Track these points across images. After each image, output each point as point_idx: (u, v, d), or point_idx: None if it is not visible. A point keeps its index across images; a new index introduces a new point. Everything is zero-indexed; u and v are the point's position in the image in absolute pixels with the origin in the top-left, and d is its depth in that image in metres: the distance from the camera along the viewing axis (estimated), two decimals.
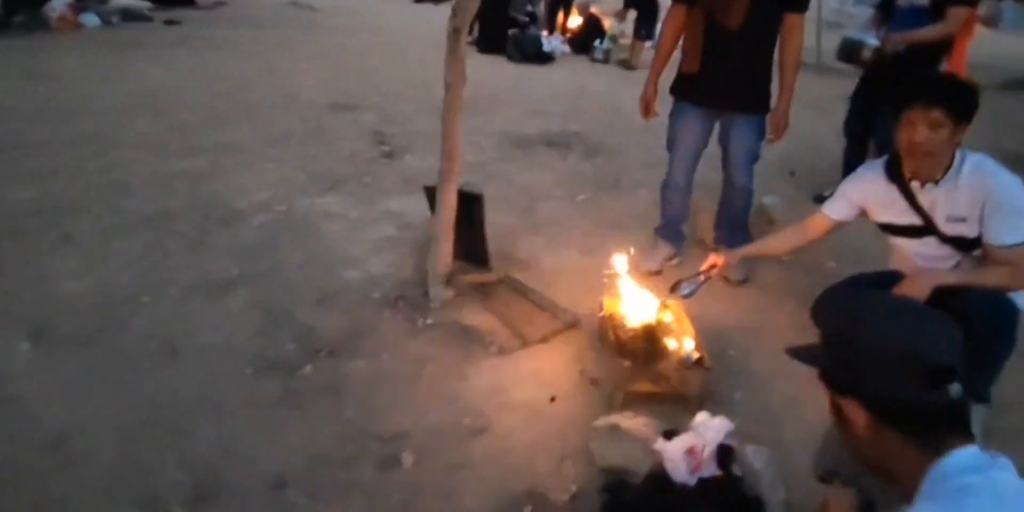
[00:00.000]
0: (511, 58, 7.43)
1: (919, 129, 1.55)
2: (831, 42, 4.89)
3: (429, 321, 2.21)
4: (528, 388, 1.92)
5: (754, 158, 2.46)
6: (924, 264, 1.75)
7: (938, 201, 1.66)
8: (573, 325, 2.20)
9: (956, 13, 2.79)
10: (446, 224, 2.23)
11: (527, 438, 1.73)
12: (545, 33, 8.09)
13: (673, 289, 1.95)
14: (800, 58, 2.35)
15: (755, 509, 1.39)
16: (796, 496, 1.51)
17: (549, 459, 1.66)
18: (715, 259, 1.96)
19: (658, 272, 2.59)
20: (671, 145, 2.56)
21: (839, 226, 1.92)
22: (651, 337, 1.82)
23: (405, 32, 8.96)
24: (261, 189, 3.26)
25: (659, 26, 8.74)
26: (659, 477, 1.46)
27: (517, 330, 2.16)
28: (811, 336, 1.01)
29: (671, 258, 2.65)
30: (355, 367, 1.97)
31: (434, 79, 2.30)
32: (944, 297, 1.56)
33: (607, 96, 5.95)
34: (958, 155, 1.62)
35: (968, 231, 1.63)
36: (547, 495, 1.53)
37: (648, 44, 7.54)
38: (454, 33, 1.93)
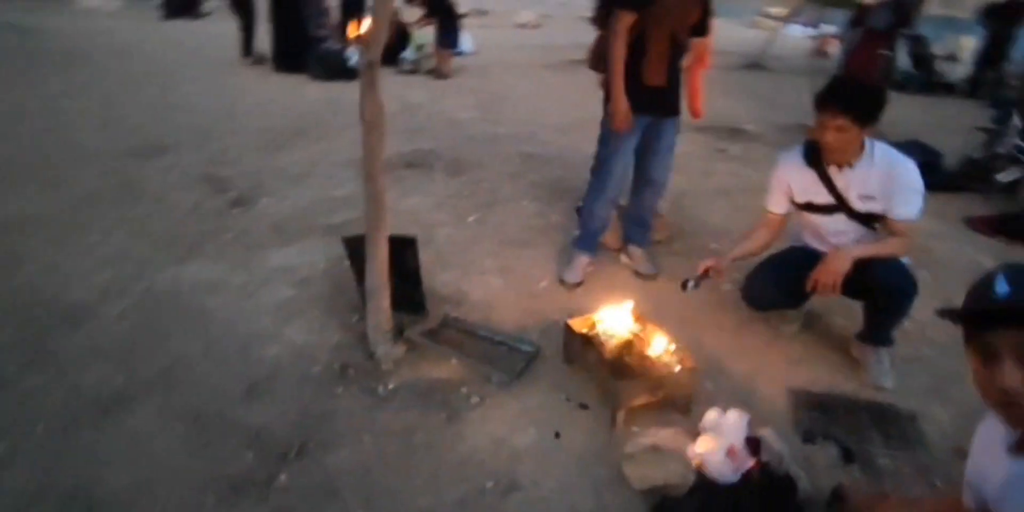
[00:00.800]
0: (315, 76, 7.00)
1: (829, 132, 1.85)
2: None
3: (391, 386, 2.03)
4: (526, 430, 1.87)
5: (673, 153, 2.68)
6: (832, 237, 2.10)
7: (852, 182, 1.99)
8: (536, 354, 2.19)
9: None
10: (381, 276, 2.06)
11: (555, 482, 1.69)
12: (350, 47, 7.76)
13: (684, 287, 2.14)
14: None
15: (791, 487, 1.55)
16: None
17: (586, 497, 1.65)
18: (709, 262, 2.14)
19: (581, 283, 2.69)
20: (610, 160, 2.57)
21: (788, 216, 2.22)
22: (636, 349, 1.89)
23: (167, 56, 7.93)
24: (97, 269, 2.66)
25: (462, 34, 9.01)
26: (704, 483, 1.55)
27: (485, 373, 2.08)
28: (737, 318, 1.15)
29: (588, 266, 2.77)
30: (338, 460, 1.73)
31: (241, 106, 2.10)
32: (857, 268, 1.89)
33: (435, 108, 5.94)
34: (867, 143, 1.95)
35: (876, 207, 1.98)
36: None
37: (453, 52, 7.68)
38: (368, 67, 1.77)
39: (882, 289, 1.91)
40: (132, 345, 2.18)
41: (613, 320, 2.04)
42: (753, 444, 1.58)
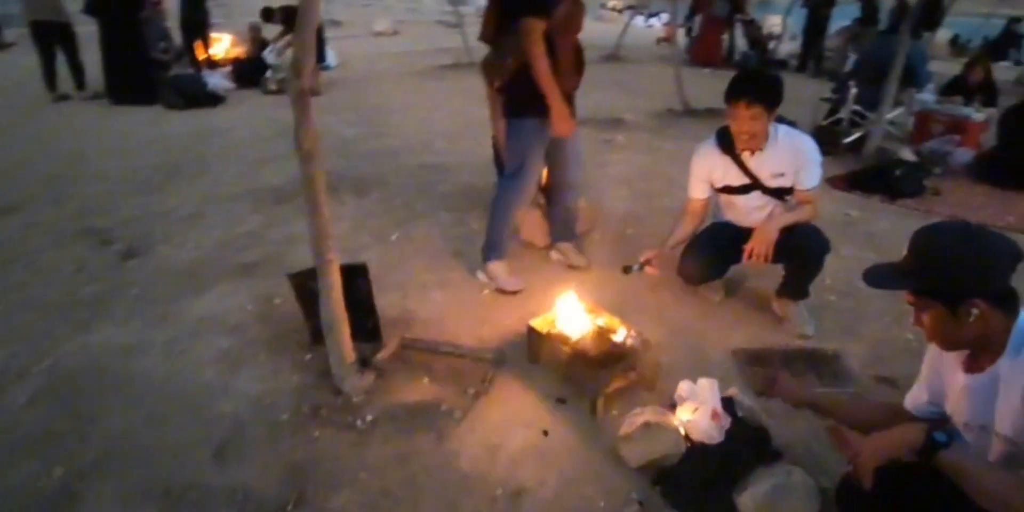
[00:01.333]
0: (171, 105, 6.45)
1: (743, 120, 2.08)
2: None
3: (369, 418, 1.98)
4: (515, 434, 1.92)
5: None
6: (750, 212, 2.38)
7: (763, 164, 2.25)
8: (502, 360, 2.24)
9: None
10: (339, 308, 1.99)
11: (557, 478, 1.76)
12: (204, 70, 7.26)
13: (626, 271, 2.33)
14: None
15: (766, 436, 1.75)
16: None
17: (590, 484, 1.73)
18: (650, 254, 2.32)
19: (521, 290, 2.75)
20: (529, 165, 2.57)
21: (708, 199, 2.44)
22: (601, 337, 2.01)
23: None
24: None
25: (328, 50, 8.65)
26: (696, 448, 1.71)
27: (459, 387, 2.11)
28: (670, 296, 1.33)
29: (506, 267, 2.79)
30: (341, 503, 1.67)
31: (93, 148, 1.99)
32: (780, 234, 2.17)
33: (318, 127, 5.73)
34: (771, 127, 2.21)
35: (786, 182, 2.27)
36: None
37: (320, 67, 7.42)
38: (300, 94, 1.71)
39: (803, 250, 2.20)
40: (58, 431, 1.94)
41: (571, 314, 2.14)
42: (727, 404, 1.76)
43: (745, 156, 2.28)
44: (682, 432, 1.73)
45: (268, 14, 7.88)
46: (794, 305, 2.40)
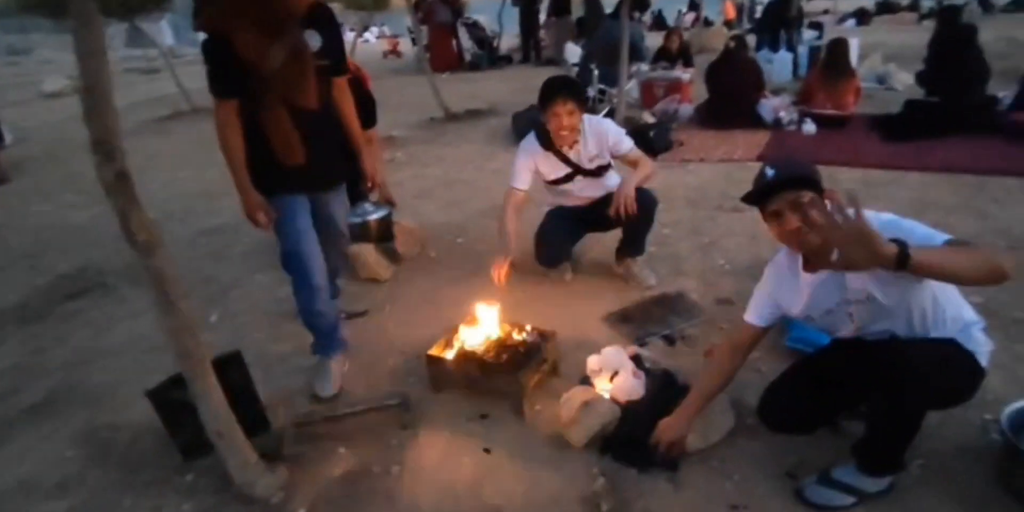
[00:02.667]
0: None
1: (562, 116, 2.34)
2: None
3: (301, 511, 1.77)
4: (460, 465, 1.89)
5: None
6: (578, 193, 2.68)
7: (580, 153, 2.53)
8: (406, 401, 2.15)
9: None
10: (225, 411, 1.72)
11: (521, 486, 1.78)
12: None
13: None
14: None
15: (672, 377, 2.01)
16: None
17: (554, 477, 1.79)
18: (501, 261, 2.41)
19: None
20: (297, 253, 2.12)
21: (528, 191, 2.62)
22: (508, 343, 2.08)
23: None
24: None
25: None
26: (627, 408, 1.88)
27: (380, 443, 1.99)
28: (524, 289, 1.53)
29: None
30: None
31: None
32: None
33: (42, 220, 4.73)
34: (583, 121, 2.47)
35: (603, 161, 2.58)
36: (599, 495, 1.71)
37: None
38: (119, 179, 1.41)
39: (644, 203, 2.52)
40: None
41: (466, 332, 2.16)
42: (636, 361, 1.97)
43: (564, 150, 2.53)
44: (609, 397, 1.89)
45: None
46: (635, 263, 2.76)
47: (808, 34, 8.70)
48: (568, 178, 2.63)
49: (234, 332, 2.78)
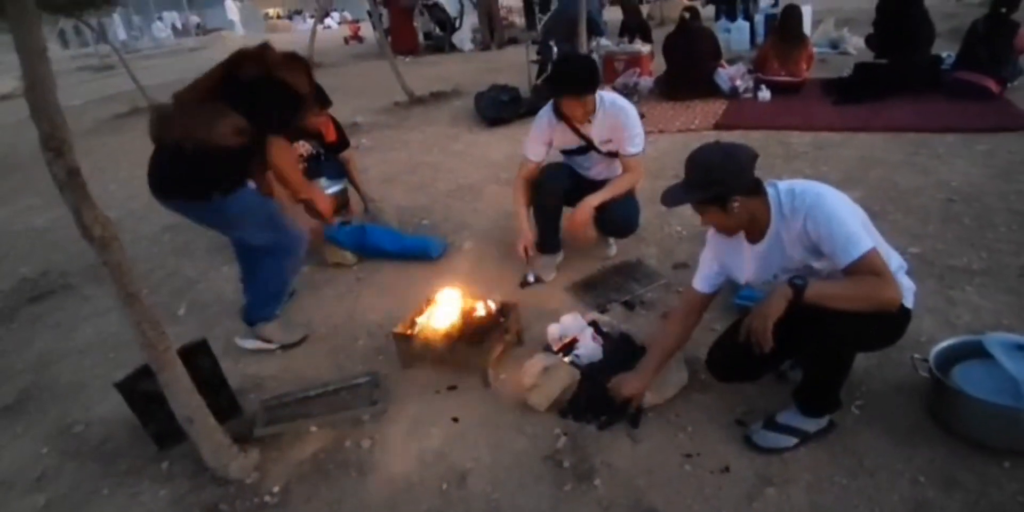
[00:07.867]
0: None
1: (575, 107, 2.34)
2: None
3: (276, 489, 1.81)
4: (429, 434, 1.95)
5: None
6: (588, 168, 2.66)
7: (594, 131, 2.48)
8: (376, 378, 2.20)
9: None
10: (194, 399, 1.75)
11: (489, 450, 1.85)
12: None
13: (523, 286, 2.66)
14: None
15: (630, 339, 2.09)
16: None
17: (519, 442, 1.87)
18: (523, 242, 2.55)
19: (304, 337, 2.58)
20: (284, 228, 2.39)
21: (540, 164, 2.62)
22: (473, 316, 2.14)
23: None
24: None
25: None
26: (586, 370, 1.96)
27: (352, 419, 2.04)
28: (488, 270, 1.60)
29: None
30: None
31: None
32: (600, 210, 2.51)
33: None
34: (597, 97, 2.42)
35: (614, 148, 2.51)
36: (560, 453, 1.80)
37: None
38: (70, 175, 1.43)
39: (615, 225, 2.64)
40: None
41: (432, 309, 2.22)
42: (595, 326, 2.04)
43: (577, 125, 2.49)
44: (568, 361, 1.97)
45: None
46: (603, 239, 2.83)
47: (764, 2, 8.77)
48: (580, 151, 2.58)
49: (203, 323, 2.80)
